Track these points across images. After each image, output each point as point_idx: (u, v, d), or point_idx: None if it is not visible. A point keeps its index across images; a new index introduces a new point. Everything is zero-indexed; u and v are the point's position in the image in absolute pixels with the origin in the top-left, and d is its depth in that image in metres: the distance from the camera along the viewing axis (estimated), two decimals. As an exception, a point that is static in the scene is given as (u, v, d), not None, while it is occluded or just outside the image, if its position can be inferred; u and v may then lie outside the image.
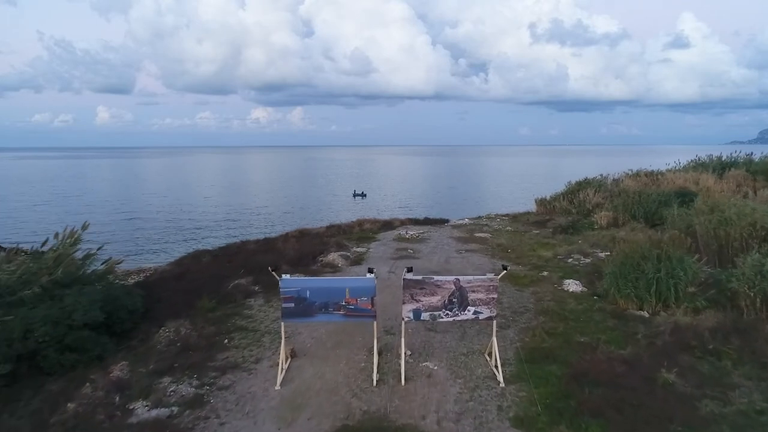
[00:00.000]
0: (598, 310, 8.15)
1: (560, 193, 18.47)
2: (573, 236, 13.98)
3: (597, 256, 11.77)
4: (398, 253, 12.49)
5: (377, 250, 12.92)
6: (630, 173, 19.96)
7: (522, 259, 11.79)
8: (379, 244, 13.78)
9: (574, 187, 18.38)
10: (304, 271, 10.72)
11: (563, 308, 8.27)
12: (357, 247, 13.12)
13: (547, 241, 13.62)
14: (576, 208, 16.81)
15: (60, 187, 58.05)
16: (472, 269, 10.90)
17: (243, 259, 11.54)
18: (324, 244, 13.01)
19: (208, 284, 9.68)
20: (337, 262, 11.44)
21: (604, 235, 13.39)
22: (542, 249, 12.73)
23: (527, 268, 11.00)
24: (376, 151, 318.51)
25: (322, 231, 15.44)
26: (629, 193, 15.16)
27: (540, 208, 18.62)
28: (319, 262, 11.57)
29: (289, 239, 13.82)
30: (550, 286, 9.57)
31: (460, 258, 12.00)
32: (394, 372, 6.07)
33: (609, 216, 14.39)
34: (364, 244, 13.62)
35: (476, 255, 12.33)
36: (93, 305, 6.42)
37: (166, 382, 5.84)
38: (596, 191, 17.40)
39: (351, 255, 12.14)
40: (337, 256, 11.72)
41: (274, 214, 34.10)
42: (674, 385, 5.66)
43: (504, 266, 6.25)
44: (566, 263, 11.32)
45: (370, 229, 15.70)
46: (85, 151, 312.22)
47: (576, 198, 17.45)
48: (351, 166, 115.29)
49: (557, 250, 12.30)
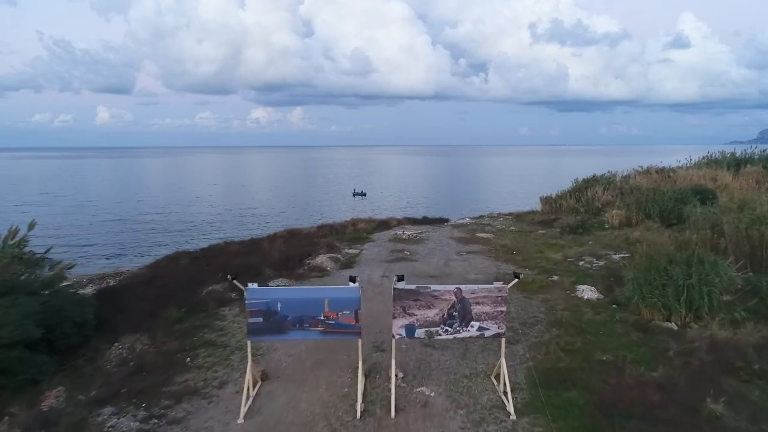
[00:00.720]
0: (619, 321, 7.14)
1: (566, 191, 17.45)
2: (583, 237, 12.97)
3: (611, 259, 10.77)
4: (393, 255, 11.48)
5: (371, 252, 11.90)
6: (640, 170, 18.94)
7: (529, 261, 10.77)
8: (374, 245, 12.77)
9: (582, 185, 17.37)
10: (288, 276, 9.71)
11: (579, 319, 7.25)
12: (349, 249, 12.11)
13: (555, 241, 12.60)
14: (584, 207, 15.79)
15: (53, 187, 57.06)
16: (475, 273, 9.89)
17: (223, 262, 10.53)
18: (313, 245, 12.00)
19: (179, 291, 8.67)
20: (326, 265, 10.43)
21: (616, 236, 12.39)
22: (550, 250, 11.72)
23: (535, 271, 9.98)
24: (376, 151, 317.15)
25: (312, 231, 14.44)
26: (642, 190, 14.14)
27: (545, 206, 17.61)
28: (307, 265, 10.56)
29: (276, 240, 12.81)
30: (562, 293, 8.55)
31: (461, 261, 10.99)
32: (383, 400, 5.06)
33: (621, 215, 13.38)
34: (357, 245, 12.61)
35: (479, 257, 11.32)
36: (27, 318, 5.39)
37: (106, 415, 4.83)
38: (605, 189, 16.39)
39: (342, 257, 11.13)
40: (326, 258, 10.71)
41: (269, 214, 33.12)
42: (722, 418, 4.65)
43: (516, 274, 5.23)
44: (578, 266, 10.31)
45: (364, 229, 14.69)
46: (84, 152, 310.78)
47: (584, 196, 16.44)
48: (351, 165, 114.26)
49: (567, 252, 11.28)
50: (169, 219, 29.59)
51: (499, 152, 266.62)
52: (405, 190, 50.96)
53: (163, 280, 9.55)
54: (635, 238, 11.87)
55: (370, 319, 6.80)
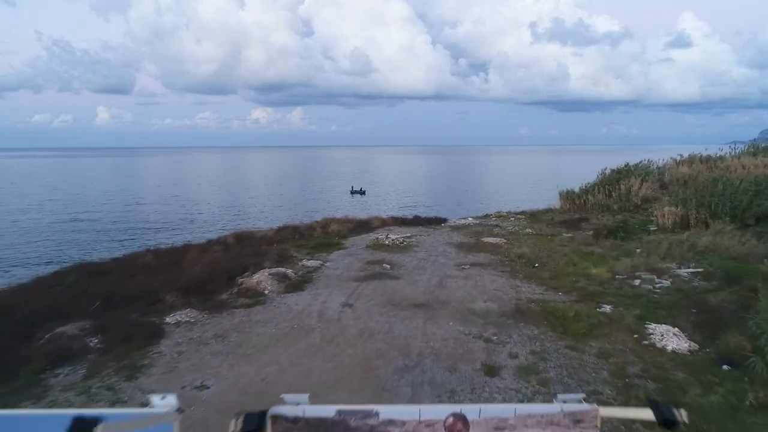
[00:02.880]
0: (756, 406, 3.84)
1: (593, 185, 14.14)
2: (626, 242, 9.66)
3: (678, 275, 7.47)
4: (367, 270, 8.17)
5: (337, 265, 8.60)
6: (680, 159, 15.62)
7: (561, 280, 7.46)
8: (344, 254, 9.47)
9: (612, 177, 14.07)
10: (200, 305, 6.41)
11: (680, 400, 3.93)
12: (309, 260, 8.80)
13: (590, 249, 9.29)
14: (618, 204, 12.49)
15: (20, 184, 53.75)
16: (484, 300, 6.58)
17: (117, 281, 7.25)
18: (259, 255, 8.71)
19: (11, 334, 5.39)
20: (265, 286, 7.12)
21: (673, 242, 9.07)
22: (587, 262, 8.42)
23: (573, 297, 6.68)
24: (376, 150, 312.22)
25: (269, 234, 11.13)
26: (699, 181, 10.82)
27: (566, 203, 14.32)
28: (238, 286, 7.26)
29: (212, 247, 9.53)
30: (627, 338, 5.26)
31: (461, 278, 7.68)
32: None
33: (675, 213, 10.07)
34: (321, 255, 9.31)
35: (488, 272, 8.01)
36: None
37: None
38: (643, 181, 13.06)
39: (294, 273, 7.82)
40: (268, 275, 7.40)
41: (249, 213, 29.81)
42: None
43: (664, 412, 1.74)
44: (634, 288, 7.00)
45: (337, 232, 11.39)
46: (84, 152, 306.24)
47: (616, 190, 13.13)
48: (350, 164, 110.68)
49: (612, 265, 7.97)
50: (132, 218, 26.39)
51: (499, 152, 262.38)
52: (407, 189, 47.57)
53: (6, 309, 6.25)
54: (704, 245, 8.58)
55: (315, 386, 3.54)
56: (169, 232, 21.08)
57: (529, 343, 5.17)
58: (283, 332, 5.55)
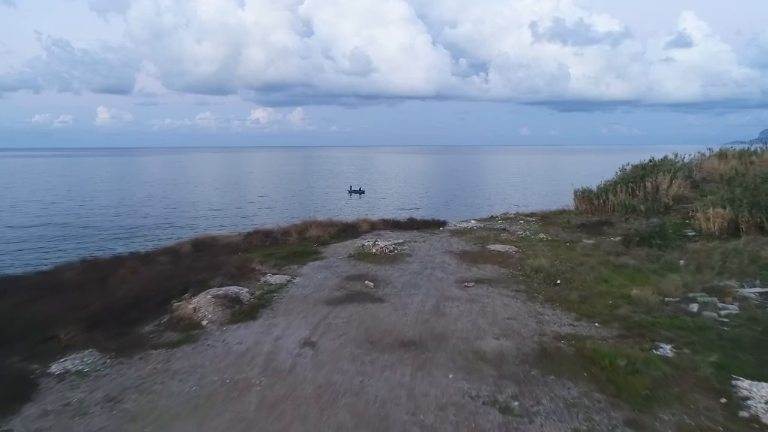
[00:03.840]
0: None
1: (613, 183, 12.40)
2: (664, 251, 7.92)
3: (747, 298, 5.75)
4: (345, 289, 6.44)
5: (308, 281, 6.87)
6: (710, 153, 13.87)
7: (594, 304, 5.73)
8: (320, 266, 7.73)
9: (635, 173, 12.32)
10: (112, 341, 4.70)
11: None
12: (274, 274, 7.07)
13: (622, 260, 7.54)
14: (646, 204, 10.75)
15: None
16: (496, 335, 4.86)
17: (12, 307, 5.53)
18: (213, 268, 6.98)
19: None
20: (205, 313, 5.39)
21: (728, 252, 7.33)
22: (621, 277, 6.71)
23: (615, 330, 4.96)
24: (376, 150, 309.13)
25: (235, 240, 9.40)
26: (749, 179, 9.08)
27: (582, 203, 12.59)
28: (171, 312, 5.54)
29: (157, 258, 7.80)
30: (711, 406, 3.55)
31: (465, 302, 5.94)
32: None
33: (723, 216, 8.32)
34: (291, 267, 7.58)
35: (498, 292, 6.28)
36: None
37: None
38: (672, 178, 11.32)
39: (248, 294, 6.10)
40: (211, 298, 5.67)
41: (235, 214, 28.08)
42: None
43: None
44: (693, 317, 5.28)
45: (316, 238, 9.66)
46: (84, 152, 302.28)
47: (641, 188, 11.40)
48: (350, 164, 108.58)
49: (657, 283, 6.24)
50: (103, 220, 24.68)
51: (500, 152, 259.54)
52: (407, 188, 45.65)
53: None
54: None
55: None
56: (141, 238, 19.24)
57: (568, 414, 3.45)
58: (207, 392, 3.83)
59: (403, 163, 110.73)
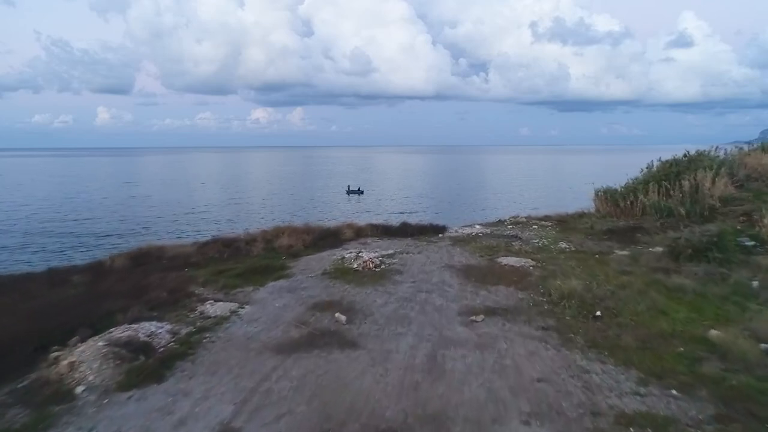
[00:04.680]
0: None
1: (641, 181, 10.61)
2: (728, 268, 6.13)
3: None
4: (306, 324, 4.67)
5: (260, 312, 5.09)
6: (751, 147, 12.11)
7: (660, 354, 3.96)
8: (283, 287, 5.94)
9: (667, 170, 10.53)
10: None
11: None
12: (217, 302, 5.30)
13: (676, 282, 5.75)
14: (687, 207, 8.97)
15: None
16: (526, 410, 3.08)
17: None
18: (137, 294, 5.22)
19: None
20: (84, 375, 3.62)
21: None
22: (684, 308, 4.94)
23: (708, 408, 3.18)
24: (376, 150, 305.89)
25: (187, 251, 7.61)
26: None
27: (604, 205, 10.81)
28: (44, 367, 3.76)
29: (71, 278, 6.02)
30: None
31: (473, 347, 4.17)
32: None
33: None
34: (245, 289, 5.81)
35: (518, 332, 4.50)
36: None
37: None
38: (715, 175, 9.53)
39: (170, 335, 4.33)
40: (102, 346, 3.89)
41: (220, 216, 26.27)
42: None
43: None
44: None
45: (287, 248, 7.86)
46: (84, 152, 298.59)
47: (676, 187, 9.62)
48: (349, 163, 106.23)
49: (742, 319, 4.47)
50: (71, 222, 22.92)
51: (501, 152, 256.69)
52: (407, 189, 43.65)
53: None
54: None
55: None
56: (95, 247, 17.20)
57: None
58: None
59: (403, 163, 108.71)
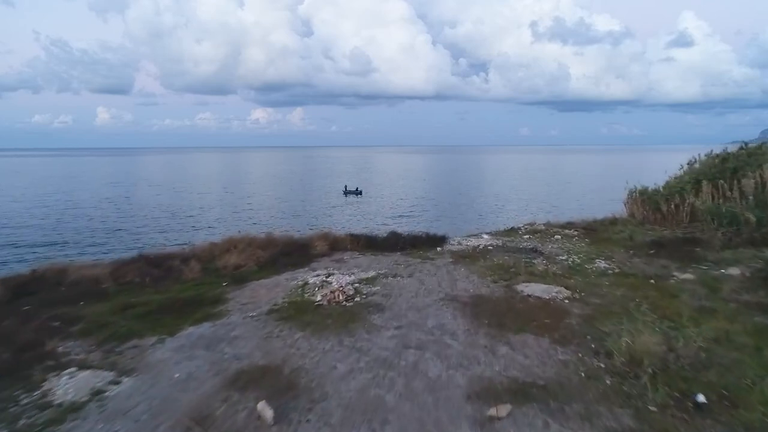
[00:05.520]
0: None
1: (687, 180, 8.62)
2: None
3: None
4: (201, 425, 2.69)
5: (139, 396, 3.12)
6: None
7: None
8: (197, 341, 3.97)
9: (718, 166, 8.54)
10: None
11: None
12: (78, 372, 3.33)
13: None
14: (756, 212, 6.98)
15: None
16: None
17: None
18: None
19: None
20: None
21: None
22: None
23: None
24: (376, 150, 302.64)
25: (99, 273, 5.62)
26: None
27: (640, 209, 8.82)
28: None
29: None
30: None
31: None
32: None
33: None
34: (134, 347, 3.84)
35: None
36: None
37: None
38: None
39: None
40: None
41: (204, 220, 24.31)
42: None
43: None
44: None
45: (234, 268, 5.87)
46: (84, 152, 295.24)
47: (734, 187, 7.64)
48: (349, 163, 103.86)
49: None
50: (55, 222, 21.03)
51: (501, 152, 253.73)
52: (407, 189, 41.51)
53: None
54: None
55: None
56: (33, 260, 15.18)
57: None
58: None
59: (403, 163, 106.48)
